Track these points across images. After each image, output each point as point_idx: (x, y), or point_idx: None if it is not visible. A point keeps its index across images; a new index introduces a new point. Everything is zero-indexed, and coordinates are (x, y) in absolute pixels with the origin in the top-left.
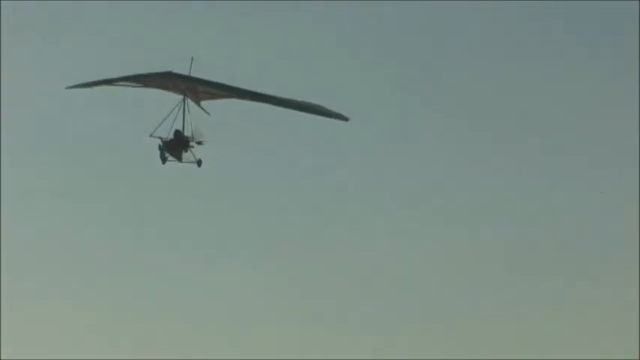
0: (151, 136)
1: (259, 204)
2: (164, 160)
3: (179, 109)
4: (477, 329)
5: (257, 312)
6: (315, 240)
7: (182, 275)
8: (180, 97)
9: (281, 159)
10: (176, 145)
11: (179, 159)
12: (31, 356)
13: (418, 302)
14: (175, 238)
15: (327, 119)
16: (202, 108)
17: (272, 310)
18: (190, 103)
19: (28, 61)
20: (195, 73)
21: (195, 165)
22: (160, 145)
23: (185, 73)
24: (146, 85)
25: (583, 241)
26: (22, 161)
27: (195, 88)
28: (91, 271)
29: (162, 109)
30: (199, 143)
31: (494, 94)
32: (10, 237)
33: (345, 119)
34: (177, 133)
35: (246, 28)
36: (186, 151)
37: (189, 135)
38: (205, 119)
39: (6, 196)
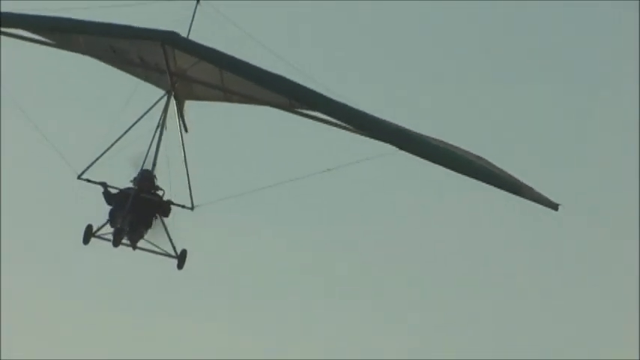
0: (80, 177)
1: None
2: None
3: (158, 118)
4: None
5: None
6: None
7: None
8: (161, 92)
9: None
10: (145, 207)
11: (134, 240)
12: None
13: None
14: None
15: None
16: (181, 119)
17: None
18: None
19: None
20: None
21: (173, 261)
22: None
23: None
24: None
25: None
26: None
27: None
28: None
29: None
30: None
31: None
32: None
33: (555, 207)
34: (146, 176)
35: None
36: (150, 223)
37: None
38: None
39: None
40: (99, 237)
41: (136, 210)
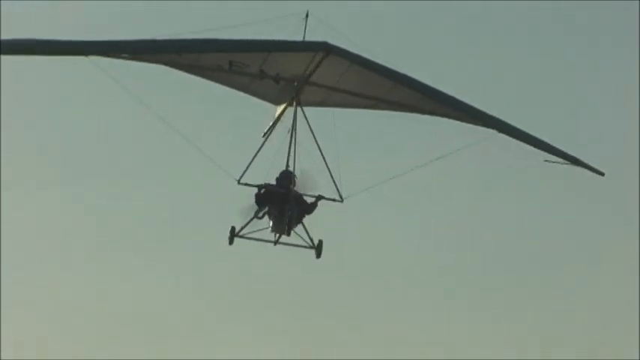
0: (240, 182)
1: None
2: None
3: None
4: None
5: None
6: None
7: None
8: (275, 103)
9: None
10: (299, 204)
11: (278, 234)
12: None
13: None
14: None
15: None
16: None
17: None
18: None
19: None
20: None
21: (311, 251)
22: (257, 205)
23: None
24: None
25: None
26: None
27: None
28: None
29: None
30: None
31: None
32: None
33: (601, 173)
34: (289, 177)
35: None
36: (301, 219)
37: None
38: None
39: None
40: (242, 237)
41: (301, 203)
